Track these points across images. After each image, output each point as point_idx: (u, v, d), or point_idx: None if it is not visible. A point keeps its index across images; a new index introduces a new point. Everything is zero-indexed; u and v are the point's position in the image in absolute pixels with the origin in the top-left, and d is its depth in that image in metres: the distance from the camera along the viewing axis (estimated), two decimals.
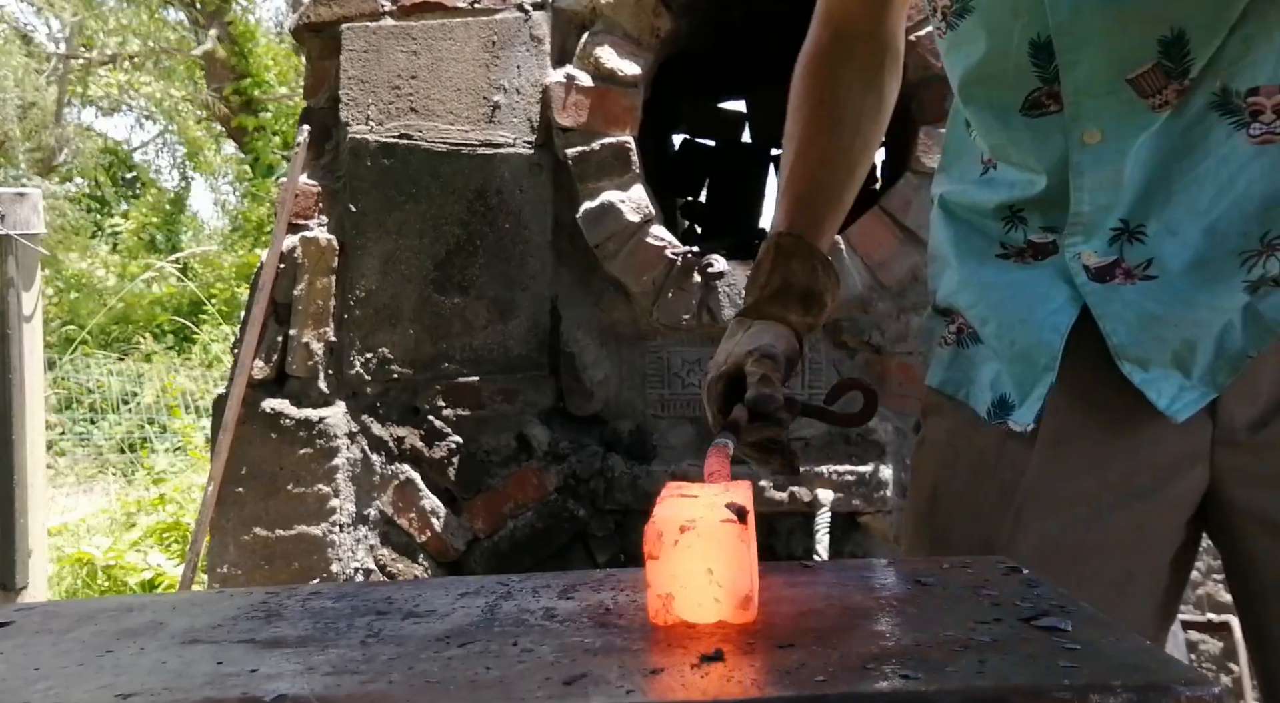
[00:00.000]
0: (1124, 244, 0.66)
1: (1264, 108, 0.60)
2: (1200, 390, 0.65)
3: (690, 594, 0.41)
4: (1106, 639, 0.39)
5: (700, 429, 2.08)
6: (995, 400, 0.72)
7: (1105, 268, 0.66)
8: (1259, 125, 0.60)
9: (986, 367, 0.74)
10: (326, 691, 0.36)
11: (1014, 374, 0.70)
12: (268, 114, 9.30)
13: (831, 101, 0.84)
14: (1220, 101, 0.61)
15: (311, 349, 2.09)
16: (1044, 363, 0.68)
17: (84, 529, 3.93)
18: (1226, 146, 0.62)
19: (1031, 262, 0.71)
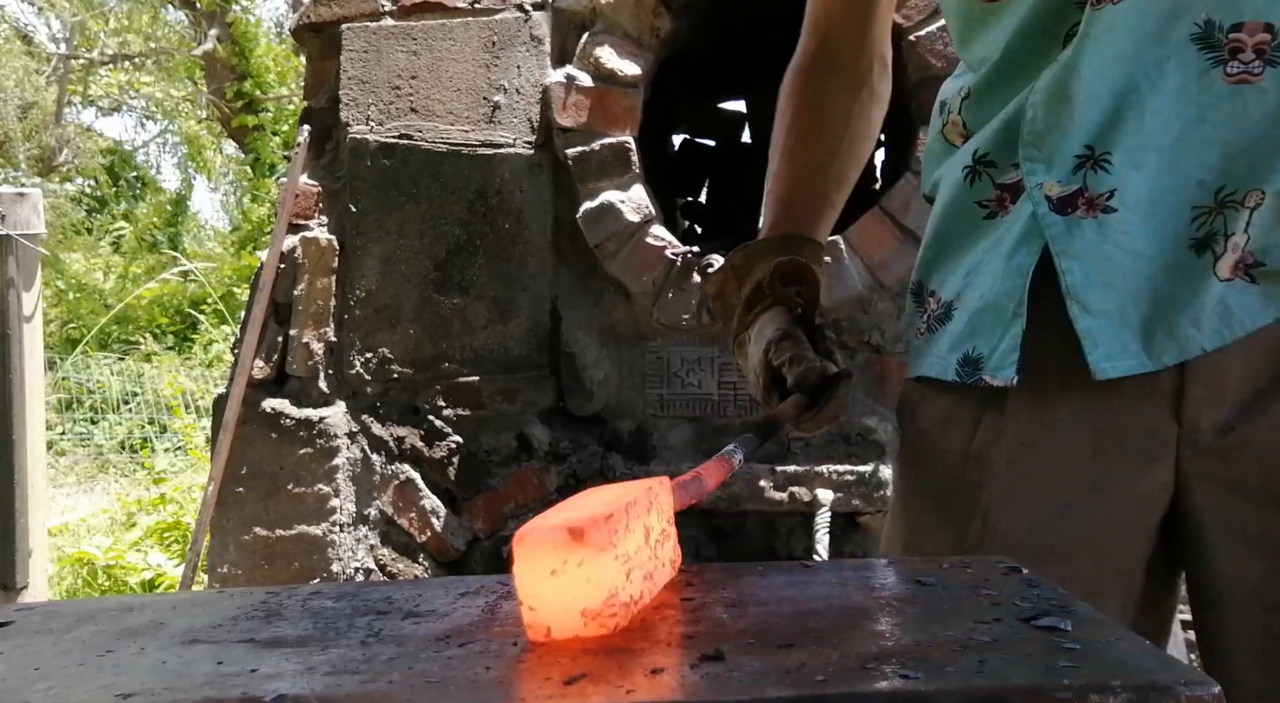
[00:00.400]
0: (1088, 172, 0.63)
1: (1244, 46, 0.58)
2: (1138, 359, 0.62)
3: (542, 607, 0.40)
4: (1107, 639, 0.39)
5: (699, 429, 2.08)
6: (961, 359, 0.69)
7: (1068, 198, 0.63)
8: (1237, 63, 0.58)
9: (946, 336, 0.71)
10: (327, 690, 0.36)
11: (983, 326, 0.67)
12: (268, 114, 9.31)
13: (818, 108, 0.84)
14: (1203, 33, 0.59)
15: (312, 349, 2.09)
16: (1011, 309, 0.65)
17: (84, 529, 3.93)
18: (1201, 83, 0.59)
19: (1009, 207, 0.68)
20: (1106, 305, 0.62)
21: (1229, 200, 0.60)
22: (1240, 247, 0.60)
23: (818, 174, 0.83)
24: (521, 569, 0.39)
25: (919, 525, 0.75)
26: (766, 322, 0.76)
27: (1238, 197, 0.59)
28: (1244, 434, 0.62)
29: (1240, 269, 0.60)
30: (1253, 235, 0.60)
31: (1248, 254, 0.60)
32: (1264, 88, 0.58)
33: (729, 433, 2.07)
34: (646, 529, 0.45)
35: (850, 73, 0.84)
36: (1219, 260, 0.60)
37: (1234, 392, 0.62)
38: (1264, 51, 0.58)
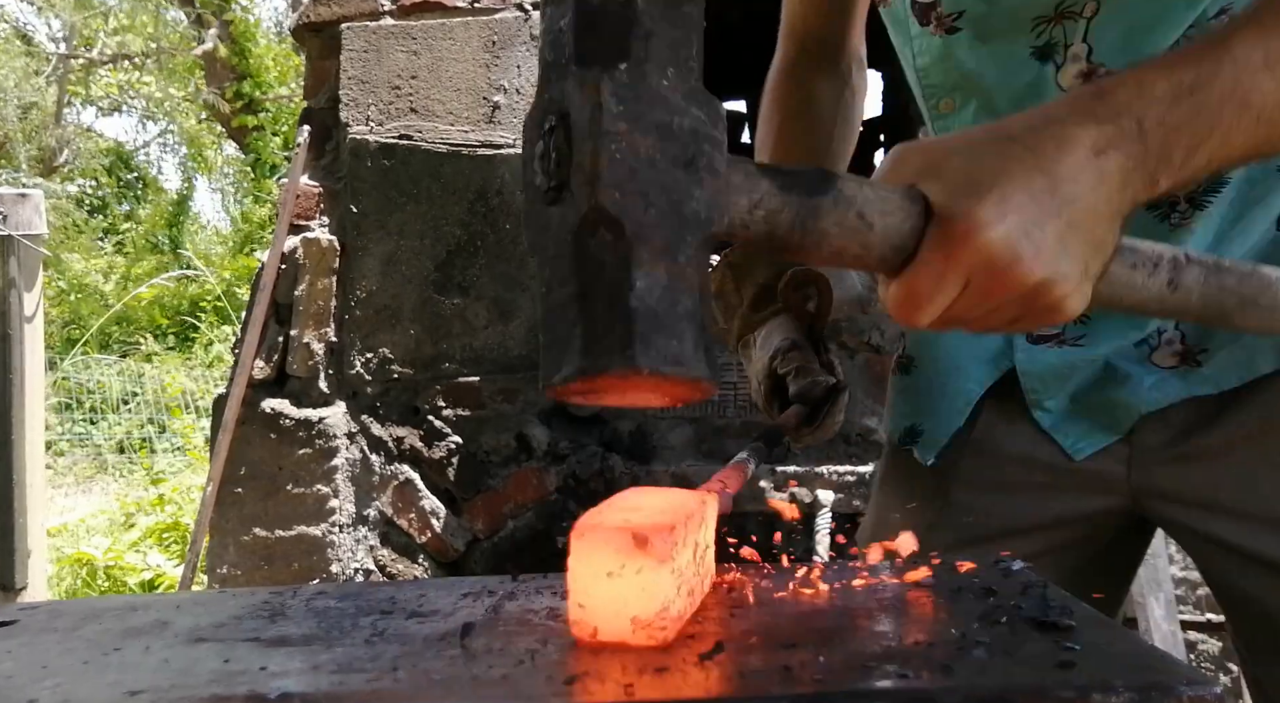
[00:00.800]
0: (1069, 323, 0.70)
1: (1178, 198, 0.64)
2: (1105, 434, 0.70)
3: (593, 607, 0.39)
4: (1107, 639, 0.39)
5: (699, 429, 2.08)
6: (906, 428, 0.78)
7: (1043, 336, 0.72)
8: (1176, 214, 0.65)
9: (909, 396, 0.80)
10: (332, 688, 0.36)
11: (931, 408, 0.76)
12: (268, 114, 9.30)
13: (805, 110, 0.86)
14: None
15: (312, 349, 2.09)
16: (959, 407, 0.74)
17: (83, 530, 3.92)
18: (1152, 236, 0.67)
19: None
20: (1064, 405, 0.71)
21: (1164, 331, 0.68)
22: (1176, 341, 0.68)
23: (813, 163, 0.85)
24: (577, 566, 0.39)
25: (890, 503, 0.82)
26: (775, 328, 0.78)
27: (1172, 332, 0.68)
28: (1192, 449, 0.68)
29: (1189, 360, 0.68)
30: (1187, 332, 0.68)
31: (1192, 347, 0.68)
32: (1194, 231, 0.65)
33: (729, 433, 2.07)
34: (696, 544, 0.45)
35: (832, 74, 0.87)
36: (1154, 352, 0.69)
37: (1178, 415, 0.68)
38: (1193, 197, 0.65)
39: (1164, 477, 0.69)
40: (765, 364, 0.75)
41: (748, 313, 0.80)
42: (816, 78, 0.86)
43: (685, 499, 0.46)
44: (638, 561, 0.38)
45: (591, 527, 0.39)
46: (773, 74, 0.89)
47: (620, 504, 0.44)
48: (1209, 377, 0.67)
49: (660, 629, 0.39)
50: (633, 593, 0.38)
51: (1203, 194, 0.65)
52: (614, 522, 0.39)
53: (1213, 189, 0.64)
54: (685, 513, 0.43)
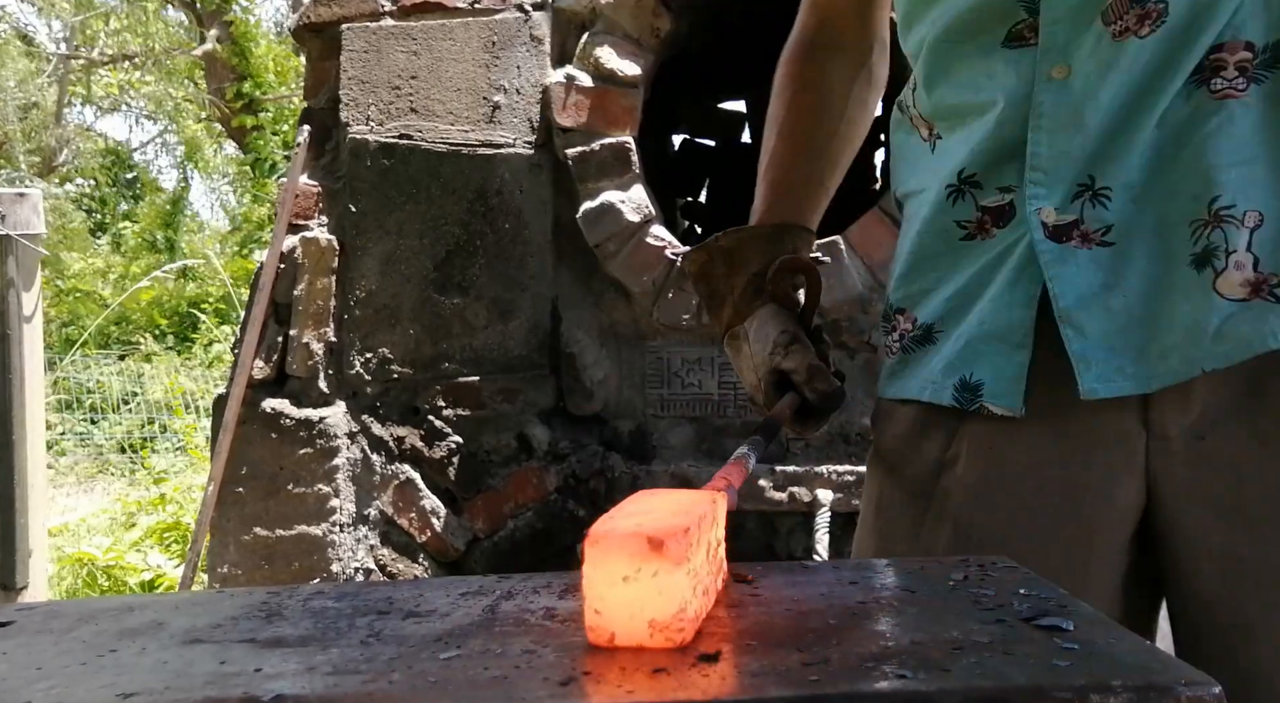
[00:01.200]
0: (1085, 204, 0.63)
1: (1226, 64, 0.59)
2: (1131, 382, 0.62)
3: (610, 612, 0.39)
4: (1107, 639, 0.39)
5: (700, 429, 2.08)
6: (959, 385, 0.68)
7: (1064, 227, 0.64)
8: (1220, 80, 0.60)
9: (937, 358, 0.71)
10: (327, 690, 0.36)
11: (984, 353, 0.67)
12: (268, 114, 9.31)
13: (818, 87, 0.82)
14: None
15: (312, 349, 2.09)
16: (1017, 340, 0.65)
17: (84, 529, 3.93)
18: (1188, 106, 0.61)
19: (993, 231, 0.68)
20: (1102, 329, 0.62)
21: (1225, 215, 0.59)
22: (1247, 265, 0.59)
23: (815, 158, 0.81)
24: (592, 572, 0.39)
25: (890, 532, 0.74)
26: (767, 319, 0.74)
27: (1235, 213, 0.59)
28: (1215, 446, 0.62)
29: (1264, 290, 0.59)
30: (1261, 257, 0.59)
31: (1268, 275, 0.59)
32: (1248, 102, 0.60)
33: (729, 433, 2.07)
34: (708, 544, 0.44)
35: (851, 53, 0.83)
36: (1219, 277, 0.59)
37: (1201, 398, 0.62)
38: (1246, 69, 0.59)
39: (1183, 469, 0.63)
40: (765, 358, 0.72)
41: (739, 302, 0.76)
42: (835, 55, 0.82)
43: (696, 499, 0.46)
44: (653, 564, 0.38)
45: (605, 532, 0.39)
46: (789, 47, 0.85)
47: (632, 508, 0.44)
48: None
49: (679, 631, 0.39)
50: (649, 596, 0.38)
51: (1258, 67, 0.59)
52: (627, 527, 0.39)
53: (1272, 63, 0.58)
54: (698, 514, 0.43)
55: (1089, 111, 0.62)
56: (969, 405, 0.68)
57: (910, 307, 0.74)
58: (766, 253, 0.76)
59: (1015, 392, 0.65)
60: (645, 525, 0.39)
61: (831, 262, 1.94)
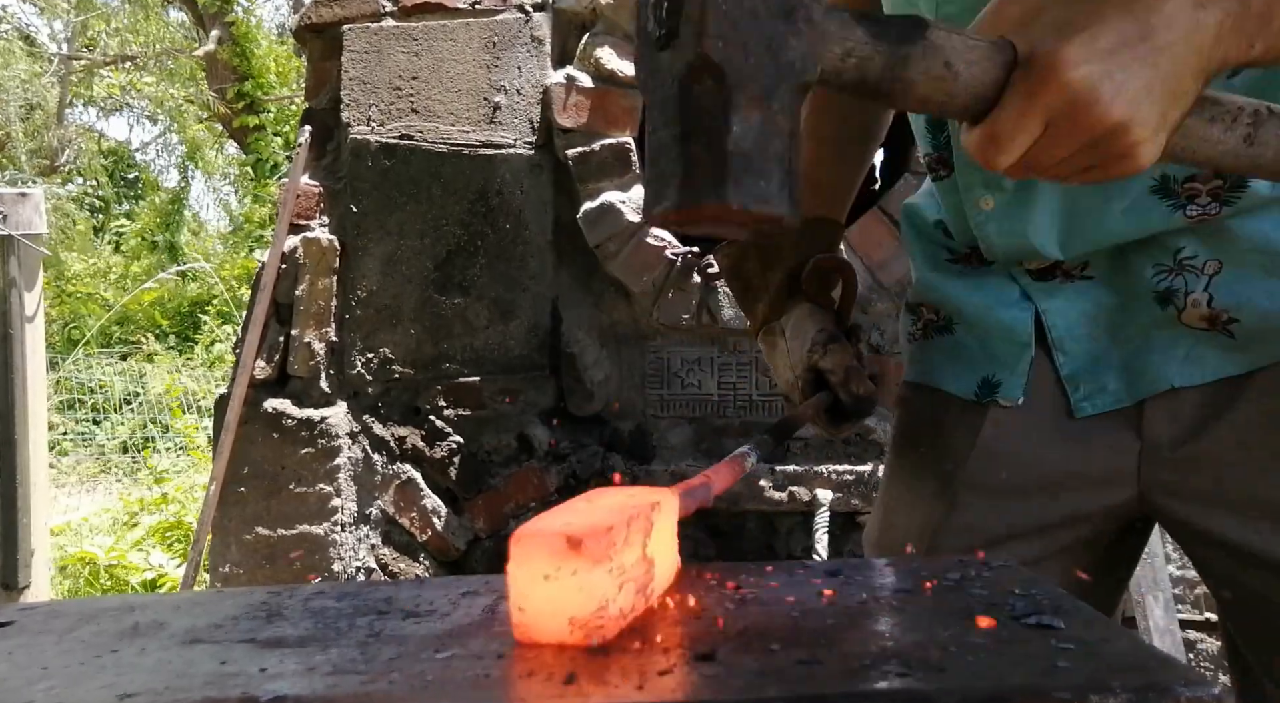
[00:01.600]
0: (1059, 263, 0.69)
1: (1199, 192, 0.63)
2: (1115, 396, 0.69)
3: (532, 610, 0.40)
4: (1106, 639, 0.39)
5: (699, 429, 2.08)
6: (980, 383, 0.74)
7: (1046, 269, 0.70)
8: (1194, 207, 0.64)
9: (961, 353, 0.76)
10: (327, 690, 0.36)
11: (998, 353, 0.73)
12: (269, 115, 9.31)
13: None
14: (1160, 187, 0.64)
15: (313, 349, 2.09)
16: (1023, 340, 0.71)
17: (86, 529, 3.93)
18: (1168, 221, 0.65)
19: (979, 265, 0.74)
20: (1088, 353, 0.69)
21: (1188, 264, 0.66)
22: (1203, 303, 0.65)
23: (841, 154, 0.83)
24: (515, 570, 0.40)
25: (893, 504, 0.80)
26: (804, 317, 0.76)
27: (1196, 263, 0.66)
28: (1199, 447, 0.67)
29: (1217, 325, 0.65)
30: (1216, 295, 0.65)
31: (1219, 311, 0.65)
32: (1223, 222, 0.64)
33: (729, 433, 2.07)
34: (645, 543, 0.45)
35: None
36: (1181, 313, 0.66)
37: (1189, 410, 0.67)
38: (1219, 195, 0.63)
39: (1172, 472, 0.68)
40: (804, 356, 0.75)
41: (774, 298, 0.78)
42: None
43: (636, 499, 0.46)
44: (572, 563, 0.39)
45: (529, 532, 0.40)
46: None
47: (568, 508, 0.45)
48: (1241, 349, 0.65)
49: (598, 628, 0.40)
50: (569, 594, 0.39)
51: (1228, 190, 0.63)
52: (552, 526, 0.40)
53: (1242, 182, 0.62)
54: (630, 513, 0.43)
55: (1031, 231, 0.68)
56: (984, 398, 0.74)
57: (930, 300, 0.79)
58: (800, 249, 0.78)
59: (1019, 387, 0.72)
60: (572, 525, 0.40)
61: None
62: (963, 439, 0.74)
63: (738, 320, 2.00)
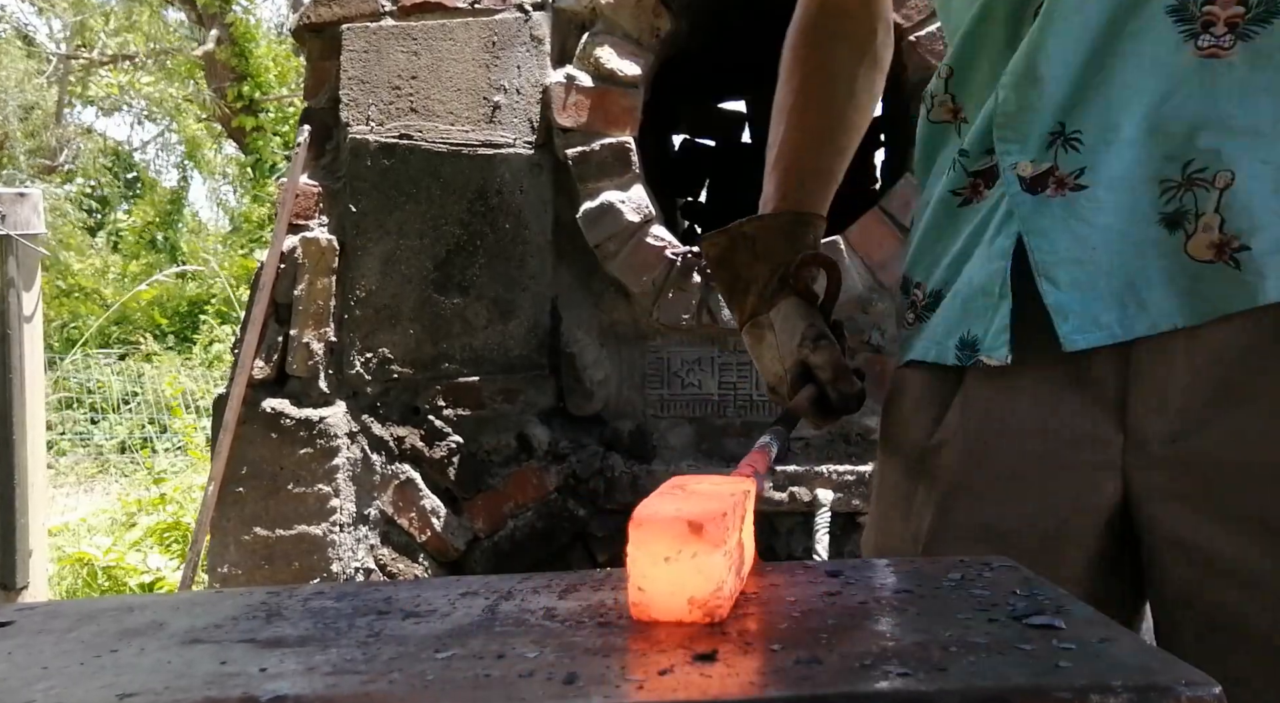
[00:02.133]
0: (1058, 150, 0.63)
1: (1217, 19, 0.58)
2: (1109, 331, 0.62)
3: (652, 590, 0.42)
4: (1107, 639, 0.39)
5: (699, 429, 2.08)
6: (959, 343, 0.69)
7: (1039, 177, 0.64)
8: (1208, 37, 0.58)
9: (940, 319, 0.72)
10: (327, 690, 0.36)
11: (975, 309, 0.68)
12: (268, 114, 9.31)
13: (825, 72, 0.82)
14: (1177, 6, 0.59)
15: (312, 349, 2.09)
16: (998, 291, 0.66)
17: (84, 529, 3.93)
18: (1173, 56, 0.59)
19: (984, 192, 0.69)
20: (1077, 279, 0.63)
21: (1197, 178, 0.59)
22: (1214, 227, 0.59)
23: (825, 144, 0.82)
24: (636, 552, 0.42)
25: (883, 513, 0.77)
26: (792, 311, 0.76)
27: (1207, 175, 0.59)
28: (1190, 447, 0.61)
29: (1225, 252, 0.59)
30: (1227, 217, 0.58)
31: (1229, 237, 0.58)
32: (1233, 62, 0.58)
33: (729, 433, 2.07)
34: (740, 528, 0.47)
35: (855, 36, 0.83)
36: (1190, 239, 0.60)
37: (1176, 399, 0.61)
38: (1236, 25, 0.58)
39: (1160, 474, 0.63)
40: (793, 349, 0.74)
41: (763, 291, 0.77)
42: (840, 39, 0.82)
43: (731, 485, 0.48)
44: (693, 546, 0.41)
45: (649, 516, 0.42)
46: (792, 32, 0.84)
47: (671, 492, 0.47)
48: (1246, 284, 0.58)
49: (716, 608, 0.42)
50: (689, 576, 0.41)
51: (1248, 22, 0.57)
52: (669, 511, 0.42)
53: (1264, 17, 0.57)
54: (734, 499, 0.45)
55: (1040, 63, 0.63)
56: (967, 361, 0.69)
57: (923, 278, 0.75)
58: (789, 243, 0.77)
59: (1002, 342, 0.66)
60: (685, 510, 0.42)
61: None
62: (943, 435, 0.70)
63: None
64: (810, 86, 0.82)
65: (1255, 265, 0.58)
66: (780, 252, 0.77)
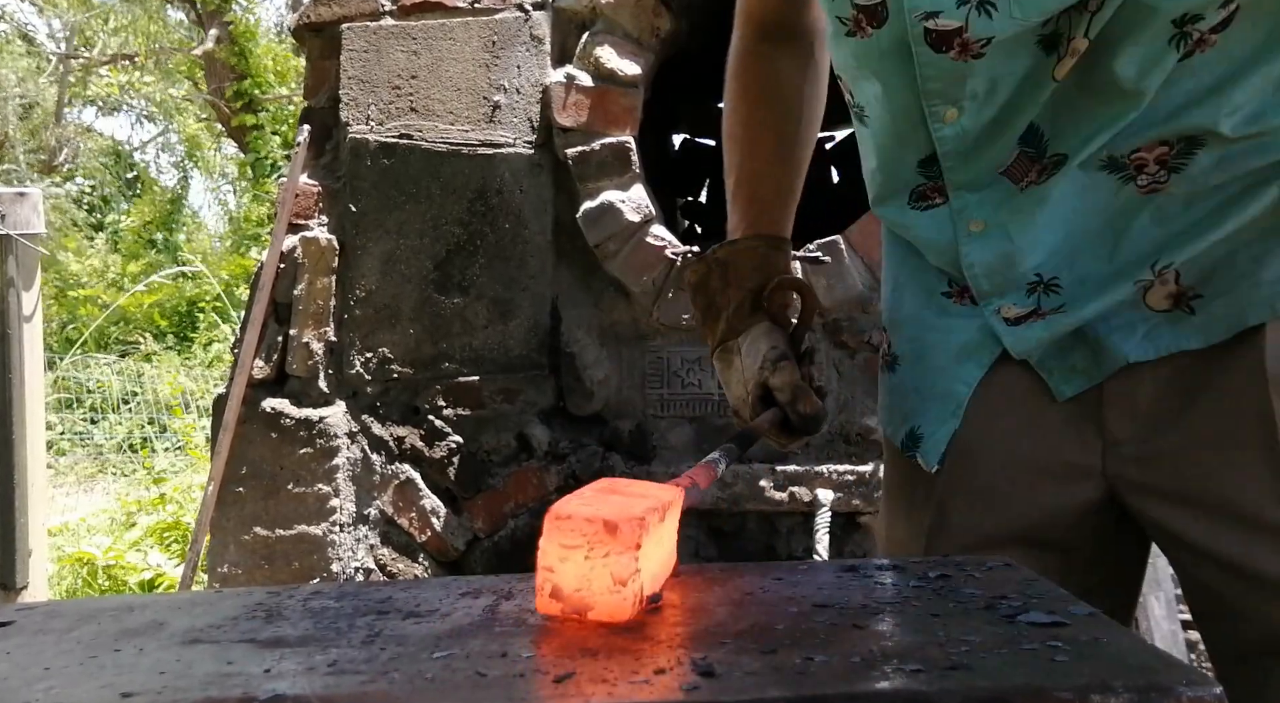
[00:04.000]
0: (1041, 295, 0.71)
1: (1146, 161, 0.65)
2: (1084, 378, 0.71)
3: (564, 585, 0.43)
4: (1107, 639, 0.39)
5: (699, 429, 2.08)
6: (907, 433, 0.78)
7: (1024, 316, 0.72)
8: (1145, 176, 0.66)
9: (901, 397, 0.80)
10: (327, 690, 0.36)
11: (927, 411, 0.76)
12: (268, 114, 9.31)
13: (771, 94, 0.84)
14: (1108, 164, 0.66)
15: (312, 349, 2.09)
16: (951, 410, 0.75)
17: (84, 529, 3.93)
18: (1119, 200, 0.67)
19: (969, 304, 0.76)
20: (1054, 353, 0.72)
21: (1163, 272, 0.68)
22: (1171, 281, 0.68)
23: (782, 165, 0.84)
24: (548, 545, 0.42)
25: (891, 515, 0.83)
26: (760, 336, 0.78)
27: (1171, 268, 0.68)
28: (1158, 446, 0.69)
29: (1181, 301, 0.68)
30: (1181, 272, 0.67)
31: (1186, 288, 0.67)
32: (1172, 192, 0.66)
33: (729, 433, 2.07)
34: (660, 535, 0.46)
35: (794, 53, 0.85)
36: (1148, 292, 0.69)
37: (1145, 407, 0.70)
38: (1165, 161, 0.65)
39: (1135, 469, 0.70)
40: (755, 373, 0.76)
41: (733, 317, 0.80)
42: (780, 59, 0.84)
43: (655, 491, 0.48)
44: (606, 545, 0.41)
45: (566, 512, 0.42)
46: (734, 57, 0.87)
47: (593, 494, 0.47)
48: (1199, 325, 0.67)
49: (621, 609, 0.42)
50: (598, 573, 0.41)
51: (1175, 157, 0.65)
52: (588, 510, 0.42)
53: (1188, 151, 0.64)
54: (654, 505, 0.45)
55: (1015, 252, 0.70)
56: (908, 452, 0.78)
57: (887, 327, 0.82)
58: (761, 269, 0.80)
59: (936, 455, 0.75)
60: (604, 510, 0.42)
61: (831, 261, 1.94)
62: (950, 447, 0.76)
63: None
64: (759, 112, 0.84)
65: (1208, 311, 0.67)
66: (749, 277, 0.80)
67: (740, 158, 0.84)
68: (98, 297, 9.07)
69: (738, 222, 0.83)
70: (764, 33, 0.85)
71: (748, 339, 0.78)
